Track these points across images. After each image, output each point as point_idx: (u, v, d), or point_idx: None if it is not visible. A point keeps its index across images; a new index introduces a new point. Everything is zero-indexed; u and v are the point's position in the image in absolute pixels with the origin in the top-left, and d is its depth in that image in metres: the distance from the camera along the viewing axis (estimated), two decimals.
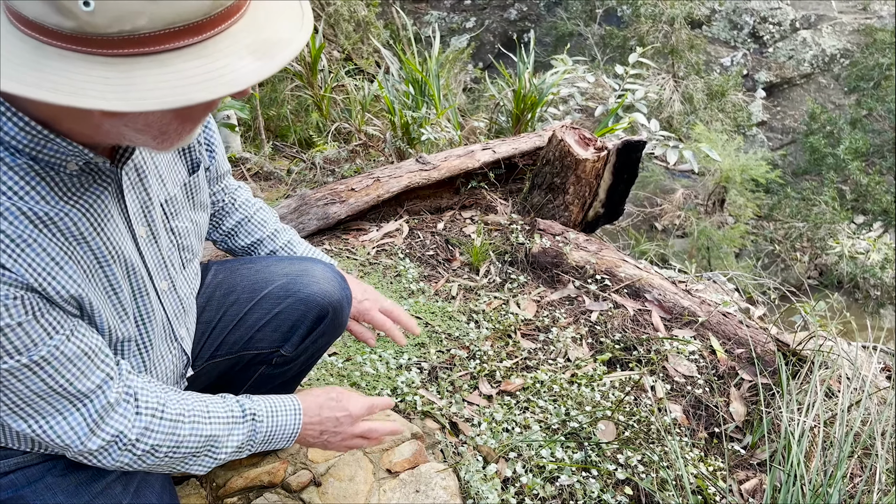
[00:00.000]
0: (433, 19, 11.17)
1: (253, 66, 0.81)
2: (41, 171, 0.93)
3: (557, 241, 2.90)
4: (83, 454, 1.10)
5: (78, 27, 0.74)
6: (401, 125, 3.83)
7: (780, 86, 10.05)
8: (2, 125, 0.89)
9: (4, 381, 0.96)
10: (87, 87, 0.75)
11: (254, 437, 1.27)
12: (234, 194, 1.56)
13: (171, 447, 1.16)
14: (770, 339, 2.43)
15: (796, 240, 7.72)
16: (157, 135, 0.93)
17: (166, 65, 0.77)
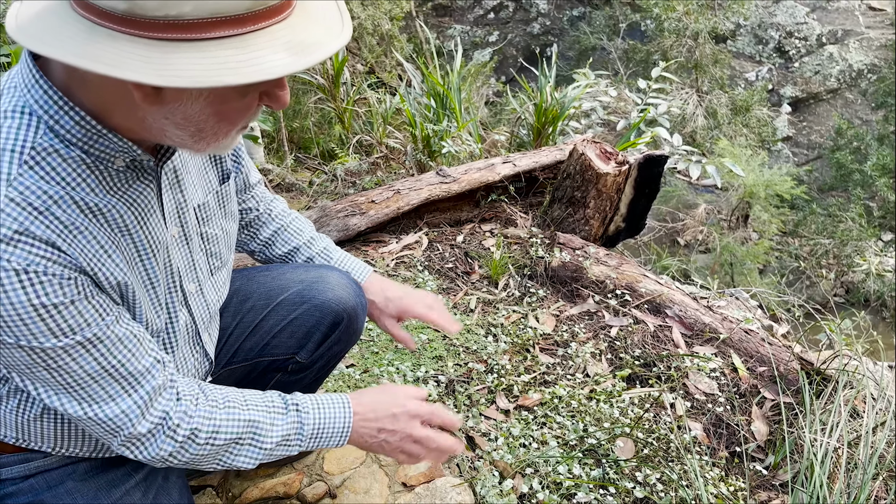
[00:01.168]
0: (456, 33, 11.23)
1: (286, 61, 0.85)
2: (91, 164, 0.98)
3: (577, 255, 2.89)
4: (131, 440, 1.09)
5: (128, 9, 0.80)
6: (422, 138, 3.85)
7: (806, 101, 9.94)
8: (59, 118, 0.94)
9: (60, 361, 0.98)
10: (127, 62, 0.81)
11: (301, 430, 1.22)
12: (270, 206, 1.57)
13: (210, 432, 1.14)
14: (793, 358, 2.38)
15: (822, 256, 7.61)
16: (195, 132, 0.97)
17: (203, 51, 0.82)
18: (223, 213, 1.31)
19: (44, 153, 0.94)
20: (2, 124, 0.94)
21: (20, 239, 0.91)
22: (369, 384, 2.21)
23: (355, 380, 2.23)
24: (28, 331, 0.94)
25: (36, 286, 0.92)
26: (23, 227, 0.91)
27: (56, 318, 0.95)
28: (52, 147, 0.95)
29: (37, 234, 0.92)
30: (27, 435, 1.17)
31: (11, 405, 1.13)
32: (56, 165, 0.95)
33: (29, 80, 0.95)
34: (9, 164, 0.92)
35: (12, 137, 0.93)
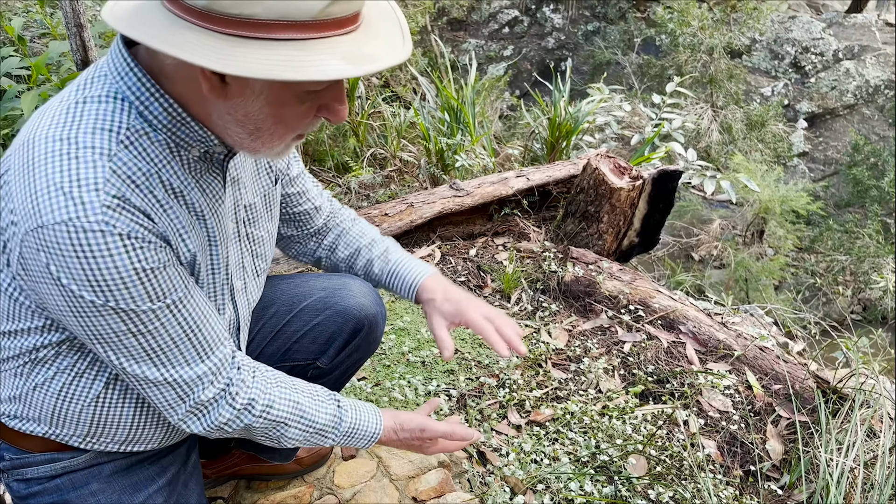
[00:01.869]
0: (471, 47, 11.28)
1: (340, 67, 0.91)
2: (173, 149, 1.06)
3: (590, 269, 2.88)
4: (197, 406, 1.14)
5: (206, 6, 0.88)
6: (435, 152, 3.86)
7: (823, 116, 9.88)
8: (149, 105, 1.02)
9: (150, 325, 1.04)
10: (199, 50, 0.88)
11: (339, 424, 1.30)
12: (338, 213, 1.59)
13: (265, 405, 1.20)
14: (809, 376, 2.36)
15: (839, 273, 7.53)
16: (253, 130, 1.03)
17: (267, 48, 0.89)
18: (269, 215, 1.36)
19: (136, 134, 1.02)
20: (97, 107, 1.01)
21: (123, 206, 0.97)
22: (380, 398, 2.21)
23: (367, 393, 2.23)
24: (128, 293, 1.00)
25: (137, 251, 0.99)
26: (124, 195, 0.98)
27: (152, 281, 1.01)
28: (142, 129, 1.02)
29: (135, 204, 0.99)
30: (62, 424, 1.19)
31: (53, 389, 1.16)
32: (146, 146, 1.02)
33: (122, 68, 1.02)
34: (108, 141, 0.99)
35: (109, 118, 1.01)
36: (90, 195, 0.95)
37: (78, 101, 1.02)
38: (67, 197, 0.95)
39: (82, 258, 0.96)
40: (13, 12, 7.26)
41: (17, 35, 2.49)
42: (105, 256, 0.97)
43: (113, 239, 0.96)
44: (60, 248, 0.96)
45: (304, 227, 1.54)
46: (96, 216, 0.95)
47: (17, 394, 1.18)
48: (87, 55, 2.41)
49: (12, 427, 1.22)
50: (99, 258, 0.96)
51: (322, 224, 1.56)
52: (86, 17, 2.32)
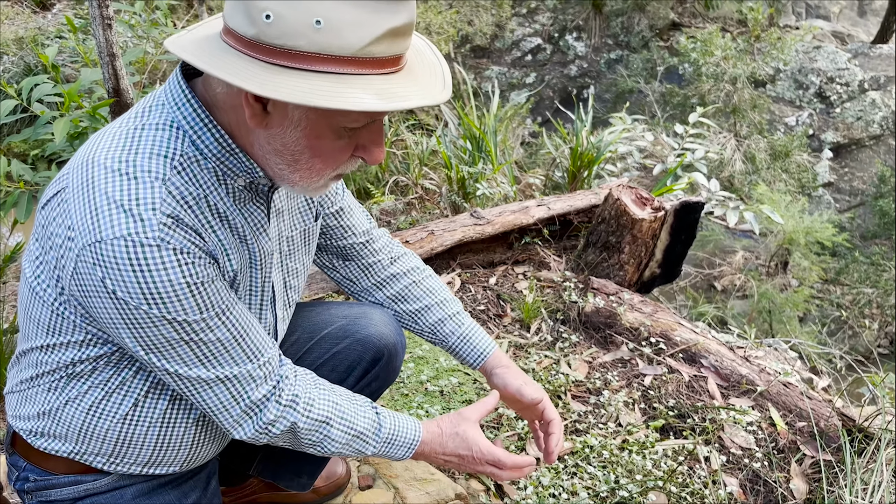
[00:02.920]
0: (494, 74, 11.36)
1: (372, 102, 0.96)
2: (220, 177, 1.12)
3: (611, 300, 2.86)
4: (251, 406, 1.18)
5: (255, 35, 0.96)
6: (457, 180, 3.88)
7: (848, 147, 9.79)
8: (202, 134, 1.09)
9: (201, 333, 1.10)
10: (242, 73, 0.96)
11: (379, 429, 1.31)
12: (402, 260, 1.59)
13: (307, 403, 1.24)
14: (834, 413, 2.31)
15: (865, 306, 7.40)
16: (291, 161, 1.09)
17: (305, 79, 0.95)
18: (306, 249, 1.39)
19: (188, 161, 1.09)
20: (154, 134, 1.08)
21: (177, 224, 1.04)
22: None
23: None
24: (180, 305, 1.05)
25: (189, 265, 1.05)
26: (178, 215, 1.05)
27: (203, 293, 1.07)
28: (194, 157, 1.09)
29: (187, 223, 1.06)
30: (88, 443, 1.22)
31: (84, 405, 1.19)
32: (197, 172, 1.09)
33: (180, 99, 1.09)
34: (164, 166, 1.06)
35: (165, 145, 1.08)
36: (148, 213, 1.02)
37: (137, 127, 1.09)
38: (127, 214, 1.01)
39: (138, 272, 1.02)
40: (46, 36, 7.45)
41: (51, 63, 2.56)
42: (160, 270, 1.02)
43: (168, 253, 1.02)
44: (117, 262, 1.01)
45: (355, 260, 1.55)
46: (153, 232, 1.01)
47: (48, 409, 1.21)
48: (118, 83, 2.47)
49: (38, 447, 1.24)
50: (154, 272, 1.02)
51: (375, 261, 1.56)
52: (118, 47, 2.38)
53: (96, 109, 2.53)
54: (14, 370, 1.28)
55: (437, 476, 1.95)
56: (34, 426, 1.23)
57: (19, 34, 7.47)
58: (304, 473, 1.66)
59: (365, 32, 0.96)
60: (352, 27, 0.95)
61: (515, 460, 1.39)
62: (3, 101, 2.60)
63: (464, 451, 1.37)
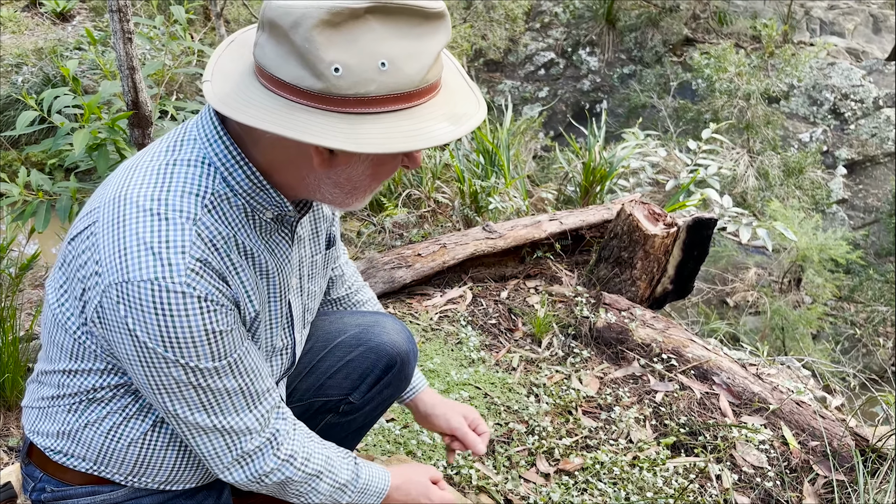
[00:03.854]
0: (507, 88, 11.40)
1: (447, 129, 1.00)
2: (249, 213, 1.13)
3: (623, 316, 2.86)
4: (243, 456, 1.19)
5: (325, 88, 0.95)
6: (469, 193, 3.89)
7: (863, 164, 9.74)
8: (233, 171, 1.09)
9: (210, 380, 1.10)
10: (325, 132, 0.95)
11: (356, 480, 1.33)
12: (359, 293, 1.71)
13: (304, 458, 1.25)
14: (847, 433, 2.30)
15: (879, 324, 7.33)
16: (350, 190, 1.11)
17: (383, 122, 0.97)
18: (324, 272, 1.42)
19: (219, 199, 1.09)
20: (187, 171, 1.08)
21: (205, 269, 1.04)
22: (409, 440, 2.20)
23: (395, 434, 2.22)
24: (195, 352, 1.06)
25: (211, 313, 1.05)
26: (206, 259, 1.05)
27: (219, 342, 1.08)
28: (224, 195, 1.09)
29: (215, 267, 1.06)
30: (106, 462, 1.24)
31: (104, 428, 1.21)
32: (226, 211, 1.10)
33: (212, 135, 1.09)
34: (195, 205, 1.06)
35: (196, 183, 1.08)
36: (177, 257, 1.02)
37: (169, 162, 1.09)
38: (157, 257, 1.01)
39: (160, 316, 1.02)
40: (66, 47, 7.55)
41: (71, 76, 2.60)
42: (182, 316, 1.03)
43: (192, 301, 1.03)
44: (142, 304, 1.02)
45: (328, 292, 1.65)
46: (180, 277, 1.02)
47: (68, 430, 1.23)
48: (137, 96, 2.50)
49: (56, 461, 1.25)
50: (176, 317, 1.03)
51: (343, 294, 1.66)
52: (137, 60, 2.41)
53: (115, 121, 2.56)
54: (34, 386, 1.29)
55: (445, 488, 1.95)
56: (53, 444, 1.25)
57: (39, 45, 7.59)
58: None
59: (422, 63, 0.98)
60: (410, 60, 0.97)
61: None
62: (23, 112, 2.64)
63: (424, 500, 1.44)
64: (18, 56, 7.26)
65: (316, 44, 0.93)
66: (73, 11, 8.69)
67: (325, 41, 0.93)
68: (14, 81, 6.95)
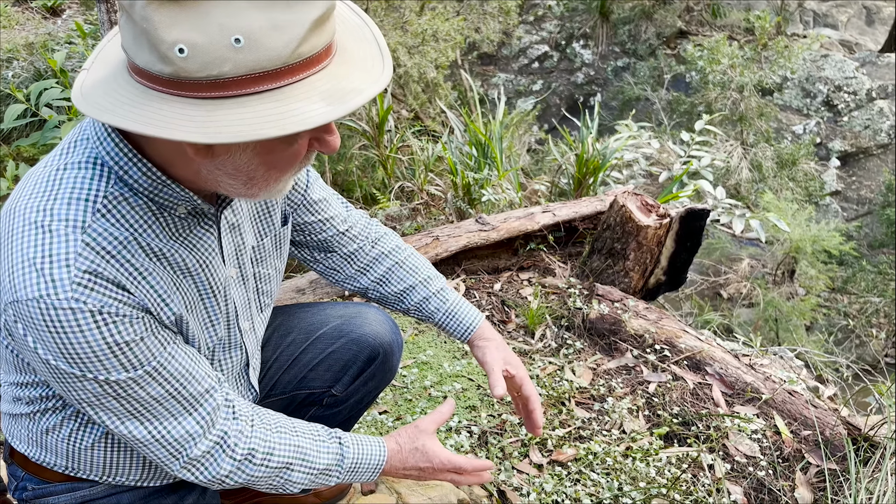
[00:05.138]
0: (500, 82, 11.39)
1: (322, 110, 0.88)
2: (156, 212, 1.05)
3: (616, 307, 2.85)
4: (192, 461, 1.13)
5: (174, 72, 0.85)
6: (462, 186, 3.88)
7: (856, 155, 9.76)
8: (129, 169, 1.01)
9: (129, 391, 1.04)
10: (175, 122, 0.86)
11: (342, 461, 1.27)
12: (380, 240, 1.55)
13: (266, 454, 1.19)
14: (839, 422, 2.30)
15: (872, 315, 7.36)
16: (246, 181, 1.01)
17: (245, 106, 0.87)
18: (277, 253, 1.36)
19: (115, 201, 1.01)
20: (76, 175, 1.01)
21: (95, 281, 0.97)
22: None
23: (388, 427, 2.22)
24: (101, 366, 1.00)
25: (110, 325, 0.98)
26: (96, 269, 0.97)
27: (127, 354, 1.01)
28: (121, 195, 1.02)
29: (108, 277, 0.98)
30: (77, 463, 1.22)
31: (63, 434, 1.19)
32: (126, 212, 1.02)
33: (101, 134, 1.02)
34: (83, 212, 0.98)
35: (86, 187, 1.00)
36: (60, 272, 0.95)
37: (59, 167, 1.02)
38: (39, 273, 0.95)
39: (55, 333, 0.97)
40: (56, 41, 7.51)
41: (59, 68, 2.58)
42: (76, 332, 0.97)
43: (83, 316, 0.97)
44: (34, 322, 0.97)
45: (336, 251, 1.51)
46: (66, 293, 0.95)
47: (33, 437, 1.22)
48: None
49: (35, 461, 1.25)
50: (70, 334, 0.97)
51: (357, 248, 1.52)
52: None
53: None
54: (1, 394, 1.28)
55: (440, 481, 1.95)
56: (26, 449, 1.25)
57: (29, 40, 7.53)
58: None
59: (291, 35, 0.86)
60: (273, 34, 0.85)
61: (475, 464, 1.38)
62: (11, 106, 2.62)
63: (424, 464, 1.35)
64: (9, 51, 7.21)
65: (154, 23, 0.83)
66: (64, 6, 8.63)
67: (165, 19, 0.83)
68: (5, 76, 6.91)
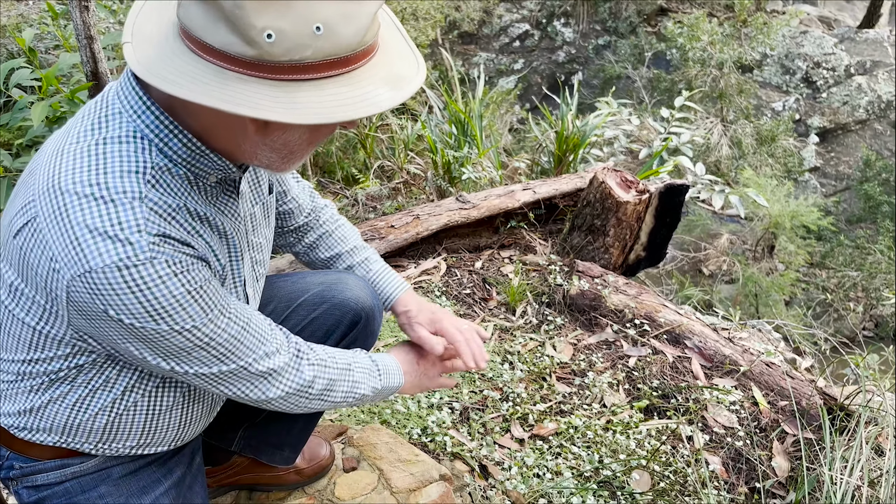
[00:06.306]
0: (481, 61, 11.33)
1: (388, 95, 0.98)
2: (192, 180, 1.10)
3: (596, 283, 2.87)
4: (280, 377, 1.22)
5: (258, 55, 0.91)
6: (442, 164, 3.87)
7: (835, 132, 9.84)
8: (168, 141, 1.05)
9: (211, 333, 1.09)
10: (262, 102, 0.92)
11: (374, 363, 1.39)
12: (320, 212, 1.64)
13: (331, 357, 1.31)
14: (816, 392, 2.33)
15: (850, 289, 7.46)
16: (287, 154, 1.08)
17: (322, 89, 0.94)
18: (266, 222, 1.38)
19: (160, 172, 1.05)
20: (120, 149, 1.03)
21: (166, 241, 1.02)
22: (382, 410, 2.20)
23: (369, 403, 2.22)
24: (187, 314, 1.05)
25: (186, 273, 1.03)
26: (164, 231, 1.02)
27: (204, 297, 1.07)
28: (164, 166, 1.06)
29: (174, 236, 1.04)
30: (74, 433, 1.21)
31: (69, 402, 1.19)
32: (170, 181, 1.06)
33: (138, 107, 1.04)
34: (138, 183, 1.02)
35: (134, 160, 1.03)
36: (135, 236, 0.99)
37: (98, 142, 1.04)
38: (114, 240, 0.98)
39: (138, 293, 1.00)
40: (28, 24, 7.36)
41: (27, 46, 2.52)
42: (159, 285, 1.01)
43: (162, 266, 1.00)
44: (114, 289, 0.99)
45: (286, 223, 1.59)
46: (145, 254, 0.99)
47: (31, 407, 1.20)
48: (97, 66, 2.44)
49: (21, 437, 1.23)
50: (154, 288, 1.00)
51: (303, 222, 1.60)
52: (96, 29, 2.35)
53: (75, 93, 2.50)
54: None
55: (421, 457, 1.95)
56: (16, 422, 1.22)
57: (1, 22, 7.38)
58: (285, 446, 1.66)
59: (359, 24, 0.94)
60: (346, 22, 0.93)
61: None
62: None
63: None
64: None
65: (246, 9, 0.88)
66: None
67: (257, 6, 0.88)
68: None
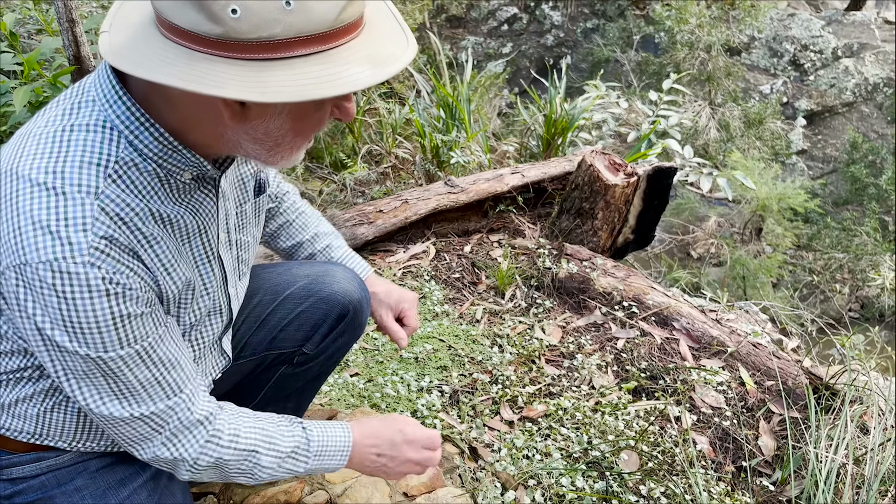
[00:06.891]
0: (470, 45, 11.27)
1: (369, 73, 0.92)
2: (162, 177, 1.04)
3: (585, 266, 2.87)
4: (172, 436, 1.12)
5: (224, 33, 0.86)
6: (430, 148, 3.86)
7: (822, 114, 9.87)
8: (139, 134, 1.00)
9: (117, 371, 1.03)
10: (229, 82, 0.87)
11: (308, 445, 1.24)
12: (282, 198, 1.61)
13: (232, 437, 1.18)
14: (802, 372, 2.36)
15: (836, 271, 7.53)
16: (272, 146, 1.03)
17: (294, 67, 0.89)
18: (256, 221, 1.36)
19: (125, 167, 1.00)
20: (85, 137, 0.99)
21: (111, 246, 0.96)
22: (373, 394, 2.21)
23: (359, 388, 2.23)
24: (101, 339, 0.98)
25: (119, 296, 0.97)
26: (112, 235, 0.96)
27: (126, 328, 1.00)
28: (131, 161, 1.00)
29: (123, 243, 0.98)
30: (47, 430, 1.19)
31: (37, 401, 1.16)
32: (135, 178, 1.01)
33: (111, 96, 1.00)
34: (96, 177, 0.97)
35: (97, 151, 0.98)
36: (78, 235, 0.93)
37: (65, 128, 0.99)
38: (55, 236, 0.93)
39: (61, 299, 0.95)
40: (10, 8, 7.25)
41: (9, 31, 2.49)
42: (84, 299, 0.95)
43: (96, 281, 0.95)
44: (41, 287, 0.94)
45: None
46: (83, 257, 0.93)
47: (2, 403, 1.18)
48: (79, 50, 2.41)
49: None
50: (78, 300, 0.95)
51: (273, 207, 1.58)
52: (78, 13, 2.31)
53: (57, 77, 2.47)
54: None
55: None
56: None
57: None
58: None
59: (333, 0, 0.89)
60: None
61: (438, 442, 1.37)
62: None
63: (396, 436, 1.32)
64: None
65: None
66: None
67: None
68: None
